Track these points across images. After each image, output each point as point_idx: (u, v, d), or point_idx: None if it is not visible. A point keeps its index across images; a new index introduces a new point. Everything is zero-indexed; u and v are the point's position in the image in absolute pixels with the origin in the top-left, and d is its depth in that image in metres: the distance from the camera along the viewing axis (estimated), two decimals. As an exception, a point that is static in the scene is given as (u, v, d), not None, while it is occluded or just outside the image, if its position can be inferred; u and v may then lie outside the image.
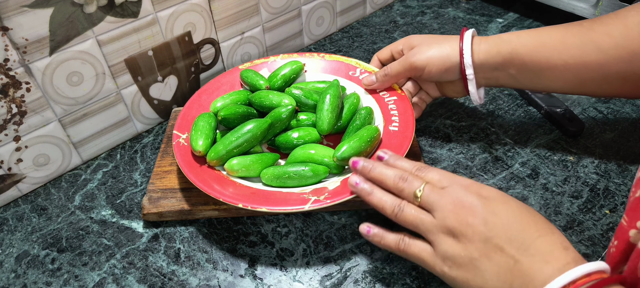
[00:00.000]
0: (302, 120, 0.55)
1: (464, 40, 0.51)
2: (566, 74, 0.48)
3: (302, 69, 0.62)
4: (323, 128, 0.53)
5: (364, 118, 0.54)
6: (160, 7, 0.58)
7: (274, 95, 0.56)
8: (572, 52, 0.47)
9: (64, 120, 0.56)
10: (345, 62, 0.63)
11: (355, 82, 0.61)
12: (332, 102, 0.53)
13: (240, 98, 0.58)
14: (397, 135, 0.52)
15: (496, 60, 0.50)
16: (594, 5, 0.69)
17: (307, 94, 0.57)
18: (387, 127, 0.53)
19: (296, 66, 0.61)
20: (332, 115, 0.53)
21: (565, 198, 0.51)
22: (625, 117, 0.61)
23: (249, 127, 0.51)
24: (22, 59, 0.50)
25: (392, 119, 0.54)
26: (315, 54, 0.64)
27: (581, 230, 0.48)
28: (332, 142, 0.55)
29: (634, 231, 0.32)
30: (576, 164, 0.55)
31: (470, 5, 0.89)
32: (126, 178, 0.59)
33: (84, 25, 0.53)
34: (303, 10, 0.76)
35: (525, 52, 0.49)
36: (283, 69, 0.60)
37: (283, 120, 0.54)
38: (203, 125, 0.52)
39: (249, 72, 0.61)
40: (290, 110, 0.54)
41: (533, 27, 0.80)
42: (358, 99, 0.57)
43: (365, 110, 0.54)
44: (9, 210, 0.56)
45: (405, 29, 0.83)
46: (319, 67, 0.64)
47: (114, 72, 0.58)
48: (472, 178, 0.54)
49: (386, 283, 0.45)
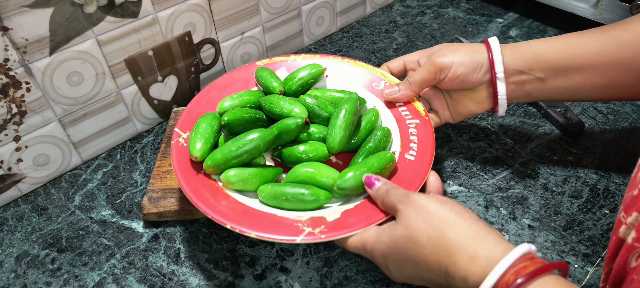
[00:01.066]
0: (313, 133, 0.51)
1: (490, 40, 0.49)
2: (593, 73, 0.47)
3: (322, 73, 0.57)
4: (333, 146, 0.48)
5: (379, 140, 0.49)
6: (160, 7, 0.58)
7: (286, 102, 0.51)
8: (594, 49, 0.46)
9: (64, 120, 0.56)
10: (369, 72, 0.57)
11: (377, 95, 0.55)
12: (346, 119, 0.48)
13: (251, 99, 0.54)
14: (412, 167, 0.46)
15: (521, 62, 0.48)
16: (594, 5, 0.69)
17: (322, 105, 0.52)
18: (404, 155, 0.48)
19: (315, 70, 0.56)
20: (345, 133, 0.48)
21: (565, 198, 0.51)
22: (625, 117, 0.61)
23: (252, 137, 0.47)
24: (22, 59, 0.50)
25: (410, 146, 0.49)
26: (340, 58, 0.59)
27: (581, 230, 0.48)
28: (341, 161, 0.52)
29: (624, 227, 0.32)
30: (576, 164, 0.55)
31: (470, 5, 0.88)
32: (126, 178, 0.59)
33: (84, 25, 0.53)
34: (303, 10, 0.76)
35: (549, 52, 0.48)
36: (301, 72, 0.56)
37: (291, 132, 0.49)
38: (204, 128, 0.48)
39: (264, 71, 0.56)
40: (299, 124, 0.49)
41: (533, 27, 0.80)
42: (377, 116, 0.52)
43: (382, 132, 0.50)
44: (9, 210, 0.56)
45: (405, 29, 0.83)
46: (341, 73, 0.58)
47: (114, 72, 0.58)
48: (472, 178, 0.54)
49: (386, 284, 0.45)
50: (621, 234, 0.32)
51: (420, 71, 0.51)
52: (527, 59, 0.48)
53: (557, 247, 0.47)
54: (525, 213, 0.50)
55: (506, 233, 0.48)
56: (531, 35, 0.78)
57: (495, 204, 0.51)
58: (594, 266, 0.45)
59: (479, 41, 0.77)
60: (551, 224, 0.49)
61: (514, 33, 0.79)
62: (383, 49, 0.78)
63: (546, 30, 0.79)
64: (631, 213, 0.32)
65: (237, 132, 0.49)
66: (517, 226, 0.49)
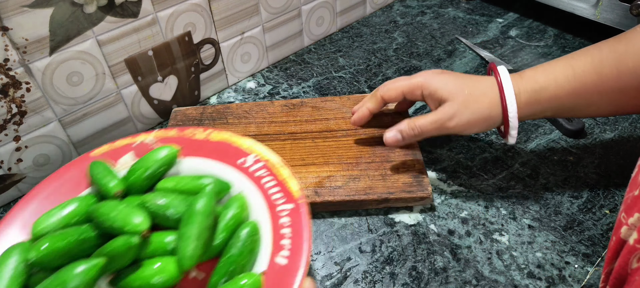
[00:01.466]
0: (163, 245, 0.38)
1: (507, 98, 0.45)
2: (602, 104, 0.46)
3: (176, 157, 0.45)
4: (183, 263, 0.36)
5: (245, 245, 0.37)
6: (160, 7, 0.58)
7: (122, 210, 0.37)
8: (609, 84, 0.44)
9: (64, 120, 0.56)
10: (234, 145, 0.46)
11: (245, 173, 0.44)
12: (199, 224, 0.37)
13: (80, 210, 0.40)
14: (284, 275, 0.36)
15: (536, 110, 0.47)
16: (594, 5, 0.69)
17: (173, 204, 0.39)
18: (274, 259, 0.37)
19: (167, 154, 0.44)
20: (198, 244, 0.36)
21: (565, 198, 0.51)
22: (625, 117, 0.61)
23: (69, 277, 0.33)
24: (22, 59, 0.50)
25: (282, 243, 0.38)
26: (202, 129, 0.48)
27: (581, 230, 0.48)
28: (204, 272, 0.40)
29: (625, 227, 0.32)
30: (576, 164, 0.55)
31: (470, 5, 0.89)
32: (126, 178, 0.59)
33: (84, 25, 0.53)
34: (303, 10, 0.76)
35: (564, 96, 0.46)
36: (148, 161, 0.43)
37: (124, 255, 0.36)
38: (10, 276, 0.34)
39: (99, 166, 0.43)
40: (133, 244, 0.36)
41: (533, 27, 0.80)
42: (243, 208, 0.40)
43: (249, 231, 0.38)
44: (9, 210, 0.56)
45: (405, 29, 0.83)
46: (202, 149, 0.46)
47: (114, 72, 0.58)
48: (472, 178, 0.54)
49: (386, 284, 0.45)
50: (622, 235, 0.32)
51: (429, 127, 0.48)
52: (542, 107, 0.47)
53: (557, 247, 0.47)
54: (525, 213, 0.50)
55: (506, 233, 0.48)
56: (531, 35, 0.78)
57: (495, 204, 0.51)
58: (594, 266, 0.45)
59: (479, 41, 0.77)
60: (551, 224, 0.49)
61: (513, 33, 0.79)
62: (383, 49, 0.78)
63: (546, 30, 0.79)
64: (633, 214, 0.32)
65: (55, 268, 0.35)
66: (517, 226, 0.49)
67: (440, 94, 0.48)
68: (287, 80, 0.73)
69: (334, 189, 0.51)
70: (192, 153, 0.46)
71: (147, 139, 0.47)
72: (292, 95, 0.70)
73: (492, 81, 0.48)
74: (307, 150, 0.56)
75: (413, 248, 0.48)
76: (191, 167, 0.46)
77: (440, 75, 0.49)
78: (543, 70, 0.47)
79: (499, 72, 0.47)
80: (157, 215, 0.39)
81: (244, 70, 0.74)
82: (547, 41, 0.77)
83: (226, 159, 0.45)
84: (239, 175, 0.44)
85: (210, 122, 0.62)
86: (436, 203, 0.52)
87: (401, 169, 0.53)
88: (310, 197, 0.51)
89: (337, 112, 0.62)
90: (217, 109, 0.64)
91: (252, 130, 0.60)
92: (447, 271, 0.45)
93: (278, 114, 0.62)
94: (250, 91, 0.72)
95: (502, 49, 0.75)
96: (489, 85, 0.47)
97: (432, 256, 0.47)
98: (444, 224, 0.50)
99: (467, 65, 0.73)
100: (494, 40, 0.78)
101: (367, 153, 0.55)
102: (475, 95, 0.47)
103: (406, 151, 0.55)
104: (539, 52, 0.74)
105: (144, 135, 0.47)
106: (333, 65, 0.76)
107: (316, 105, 0.63)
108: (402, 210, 0.51)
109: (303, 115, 0.62)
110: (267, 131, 0.60)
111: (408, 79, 0.51)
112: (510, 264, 0.46)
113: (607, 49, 0.45)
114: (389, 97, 0.53)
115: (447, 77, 0.49)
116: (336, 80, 0.73)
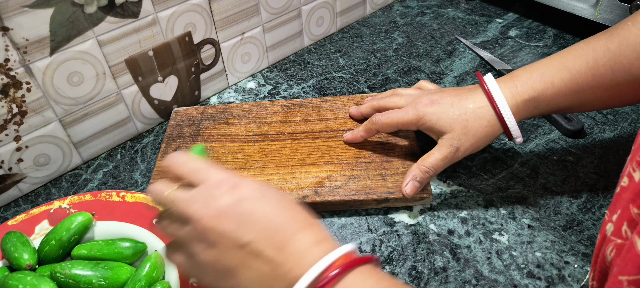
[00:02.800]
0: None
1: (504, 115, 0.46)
2: (595, 101, 0.47)
3: (90, 222, 0.46)
4: None
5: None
6: (160, 8, 0.58)
7: (28, 282, 0.40)
8: (603, 83, 0.45)
9: (65, 120, 0.57)
10: (150, 205, 0.48)
11: (160, 235, 0.46)
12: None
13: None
14: None
15: (533, 113, 0.48)
16: (594, 5, 0.69)
17: (81, 275, 0.41)
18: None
19: (81, 221, 0.45)
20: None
21: (565, 198, 0.52)
22: (625, 117, 0.61)
23: None
24: (23, 59, 0.50)
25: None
26: (115, 193, 0.50)
27: (581, 230, 0.48)
28: None
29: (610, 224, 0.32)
30: (576, 164, 0.55)
31: (470, 5, 0.89)
32: (127, 178, 0.59)
33: (85, 25, 0.53)
34: (303, 11, 0.76)
35: (560, 98, 0.46)
36: (61, 231, 0.44)
37: None
38: None
39: (12, 237, 0.44)
40: None
41: (533, 27, 0.80)
42: (156, 267, 0.42)
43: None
44: (9, 210, 0.56)
45: (405, 29, 0.83)
46: (115, 212, 0.48)
47: (115, 72, 0.58)
48: (472, 178, 0.55)
49: (386, 283, 0.45)
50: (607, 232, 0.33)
51: (439, 163, 0.48)
52: (540, 111, 0.48)
53: (557, 246, 0.47)
54: (524, 213, 0.50)
55: (506, 233, 0.48)
56: (531, 35, 0.78)
57: (495, 204, 0.51)
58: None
59: (479, 41, 0.78)
60: (551, 224, 0.49)
61: (513, 33, 0.79)
62: (383, 49, 0.78)
63: (545, 31, 0.79)
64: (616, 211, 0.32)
65: None
66: (516, 226, 0.49)
67: (438, 128, 0.48)
68: (287, 81, 0.73)
69: (334, 189, 0.51)
70: (108, 216, 0.48)
71: (63, 205, 0.49)
72: (292, 95, 0.70)
73: (485, 101, 0.47)
74: (307, 150, 0.56)
75: (413, 248, 0.48)
76: (106, 231, 0.47)
77: (432, 106, 0.49)
78: (539, 74, 0.47)
79: (491, 90, 0.47)
80: (67, 284, 0.41)
81: (244, 71, 0.74)
82: (546, 41, 0.77)
83: (141, 220, 0.47)
84: (153, 236, 0.46)
85: (210, 122, 0.62)
86: (436, 203, 0.52)
87: (401, 169, 0.53)
88: (310, 197, 0.51)
89: (337, 112, 0.62)
90: (217, 109, 0.64)
91: (252, 130, 0.60)
92: (446, 271, 0.45)
93: (278, 114, 0.63)
94: (250, 91, 0.72)
95: (501, 49, 0.75)
96: (484, 103, 0.47)
97: (431, 256, 0.47)
98: (443, 224, 0.50)
99: (467, 65, 0.73)
100: (494, 40, 0.78)
101: (367, 153, 0.55)
102: (472, 119, 0.47)
103: (406, 151, 0.55)
104: (538, 52, 0.74)
105: (59, 201, 0.50)
106: (333, 65, 0.76)
107: (316, 105, 0.63)
108: (401, 210, 0.52)
109: (303, 115, 0.62)
110: (267, 131, 0.60)
111: (403, 114, 0.50)
112: (510, 264, 0.46)
113: (600, 47, 0.45)
114: (384, 131, 0.54)
115: (441, 107, 0.48)
116: (336, 80, 0.73)
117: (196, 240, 0.33)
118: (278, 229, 0.32)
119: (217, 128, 0.61)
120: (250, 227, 0.32)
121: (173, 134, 0.61)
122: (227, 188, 0.33)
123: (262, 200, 0.33)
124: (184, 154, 0.36)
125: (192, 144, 0.58)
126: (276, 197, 0.34)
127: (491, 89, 0.47)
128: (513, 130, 0.47)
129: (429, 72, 0.72)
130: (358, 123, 0.60)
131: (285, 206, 0.33)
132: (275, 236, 0.32)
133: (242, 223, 0.32)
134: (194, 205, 0.33)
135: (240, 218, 0.32)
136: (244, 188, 0.33)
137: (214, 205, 0.32)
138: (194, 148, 0.40)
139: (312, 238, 0.32)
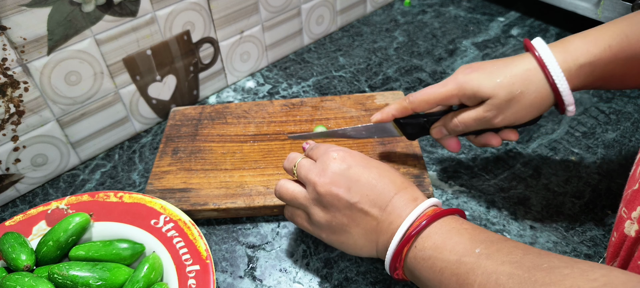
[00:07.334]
0: None
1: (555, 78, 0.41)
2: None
3: (88, 223, 0.46)
4: None
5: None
6: (158, 6, 0.58)
7: (25, 283, 0.40)
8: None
9: (62, 119, 0.56)
10: (148, 206, 0.48)
11: (158, 236, 0.46)
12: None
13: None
14: None
15: (587, 81, 0.43)
16: (596, 4, 0.69)
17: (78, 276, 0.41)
18: None
19: (79, 222, 0.45)
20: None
21: (567, 199, 0.51)
22: (627, 117, 0.61)
23: None
24: (20, 59, 0.50)
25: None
26: (112, 194, 0.50)
27: (583, 230, 0.48)
28: None
29: (629, 222, 0.32)
30: (578, 164, 0.55)
31: (472, 3, 0.88)
32: (124, 178, 0.58)
33: (82, 24, 0.53)
34: (303, 9, 0.75)
35: (617, 67, 0.42)
36: (58, 232, 0.44)
37: None
38: None
39: (9, 238, 0.44)
40: None
41: (534, 26, 0.79)
42: (154, 269, 0.42)
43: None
44: (7, 211, 0.55)
45: (406, 28, 0.83)
46: (113, 213, 0.48)
47: (112, 71, 0.58)
48: (474, 179, 0.54)
49: (386, 284, 0.45)
50: (626, 230, 0.32)
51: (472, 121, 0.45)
52: (592, 75, 0.42)
53: (559, 247, 0.46)
54: (527, 213, 0.50)
55: (508, 234, 0.48)
56: (532, 34, 0.77)
57: (497, 204, 0.51)
58: (597, 267, 0.45)
59: (481, 40, 0.77)
60: (553, 224, 0.49)
61: (515, 32, 0.79)
62: (384, 48, 0.78)
63: (547, 29, 0.78)
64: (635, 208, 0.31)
65: None
66: (518, 226, 0.49)
67: (481, 94, 0.43)
68: (287, 80, 0.73)
69: (334, 189, 0.51)
70: (106, 217, 0.48)
71: (60, 205, 0.49)
72: (291, 94, 0.70)
73: (533, 64, 0.43)
74: (307, 150, 0.56)
75: (414, 249, 0.47)
76: (104, 232, 0.47)
77: (473, 72, 0.44)
78: (593, 38, 0.42)
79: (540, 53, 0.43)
80: (65, 286, 0.41)
81: (243, 70, 0.73)
82: (548, 40, 0.76)
83: (139, 221, 0.47)
84: (151, 237, 0.46)
85: (209, 121, 0.61)
86: (437, 203, 0.52)
87: (402, 169, 0.52)
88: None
89: (337, 111, 0.61)
90: (216, 108, 0.64)
91: (251, 130, 0.60)
92: (448, 272, 0.45)
93: (277, 113, 0.62)
94: (249, 90, 0.71)
95: (503, 48, 0.75)
96: (532, 66, 0.43)
97: (433, 257, 0.46)
98: (444, 225, 0.49)
99: (468, 64, 0.72)
100: (496, 39, 0.77)
101: (367, 153, 0.55)
102: (518, 84, 0.42)
103: (407, 151, 0.55)
104: (540, 51, 0.74)
105: (57, 202, 0.49)
106: (333, 64, 0.75)
107: (316, 105, 0.63)
108: (402, 211, 0.51)
109: (303, 114, 0.61)
110: (266, 131, 0.59)
111: (440, 87, 0.46)
112: (512, 265, 0.45)
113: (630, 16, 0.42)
114: (421, 109, 0.48)
115: (483, 72, 0.44)
116: (336, 79, 0.72)
117: (314, 203, 0.41)
118: (381, 193, 0.39)
119: (215, 128, 0.60)
120: (358, 190, 0.39)
121: (171, 133, 0.60)
122: (337, 159, 0.41)
123: (367, 167, 0.40)
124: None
125: (191, 144, 0.58)
126: (376, 164, 0.41)
127: (540, 51, 0.42)
128: (565, 96, 0.42)
129: (430, 71, 0.72)
130: (360, 122, 0.59)
131: (384, 172, 0.40)
132: (379, 198, 0.39)
133: (351, 188, 0.39)
134: (313, 172, 0.41)
135: (348, 183, 0.39)
136: (350, 159, 0.41)
137: (328, 172, 0.40)
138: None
139: (407, 198, 0.39)
